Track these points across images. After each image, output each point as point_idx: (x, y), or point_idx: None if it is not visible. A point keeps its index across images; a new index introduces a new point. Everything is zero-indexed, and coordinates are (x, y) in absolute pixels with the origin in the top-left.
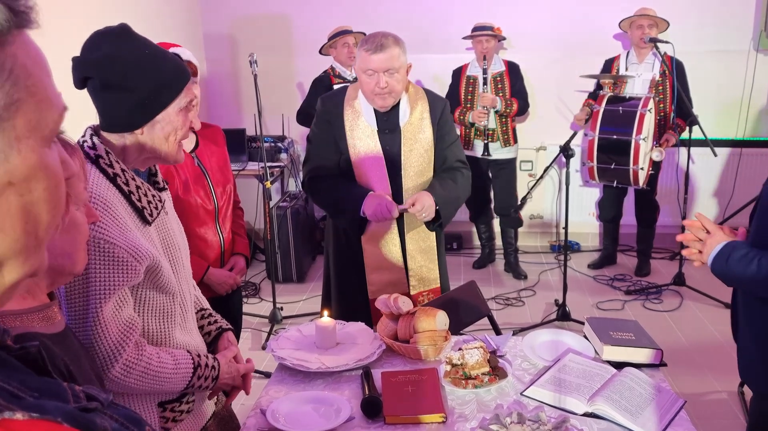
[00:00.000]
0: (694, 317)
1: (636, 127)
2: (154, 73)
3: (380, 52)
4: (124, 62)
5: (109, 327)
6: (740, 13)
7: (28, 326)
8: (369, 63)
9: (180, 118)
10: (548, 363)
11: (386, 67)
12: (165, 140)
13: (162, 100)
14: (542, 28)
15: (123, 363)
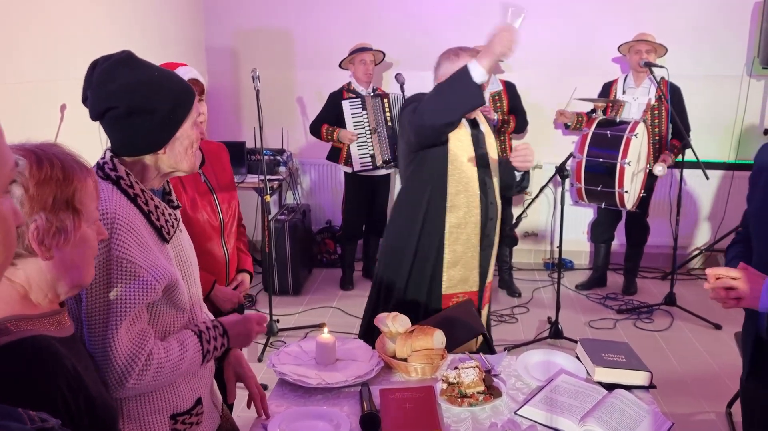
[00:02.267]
0: (684, 337)
1: (622, 151)
2: (168, 92)
3: None
4: (143, 86)
5: (123, 340)
6: (734, 40)
7: (40, 329)
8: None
9: (194, 131)
10: (541, 383)
11: None
12: (185, 153)
13: (179, 116)
14: (540, 48)
15: (138, 372)
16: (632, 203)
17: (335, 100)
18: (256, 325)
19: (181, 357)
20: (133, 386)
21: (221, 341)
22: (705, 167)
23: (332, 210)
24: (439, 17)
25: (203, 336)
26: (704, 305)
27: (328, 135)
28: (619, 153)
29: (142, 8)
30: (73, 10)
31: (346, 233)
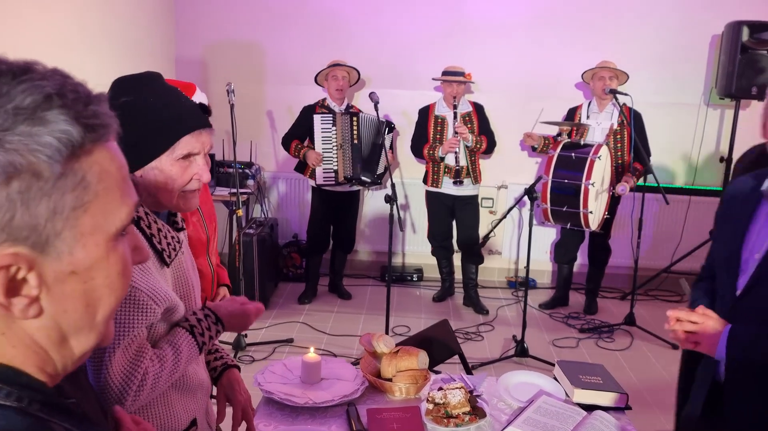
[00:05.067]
0: (644, 356)
1: (586, 173)
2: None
3: None
4: (129, 109)
5: (120, 362)
6: (693, 70)
7: None
8: None
9: (177, 170)
10: (523, 404)
11: None
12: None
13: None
14: (507, 72)
15: (134, 392)
16: (596, 223)
17: (308, 114)
18: (252, 315)
19: (175, 361)
20: (131, 405)
21: (215, 328)
22: (664, 192)
23: (299, 224)
24: (411, 37)
25: (195, 330)
26: (662, 326)
27: (296, 152)
28: (584, 174)
29: (111, 19)
30: (43, 22)
31: (311, 247)
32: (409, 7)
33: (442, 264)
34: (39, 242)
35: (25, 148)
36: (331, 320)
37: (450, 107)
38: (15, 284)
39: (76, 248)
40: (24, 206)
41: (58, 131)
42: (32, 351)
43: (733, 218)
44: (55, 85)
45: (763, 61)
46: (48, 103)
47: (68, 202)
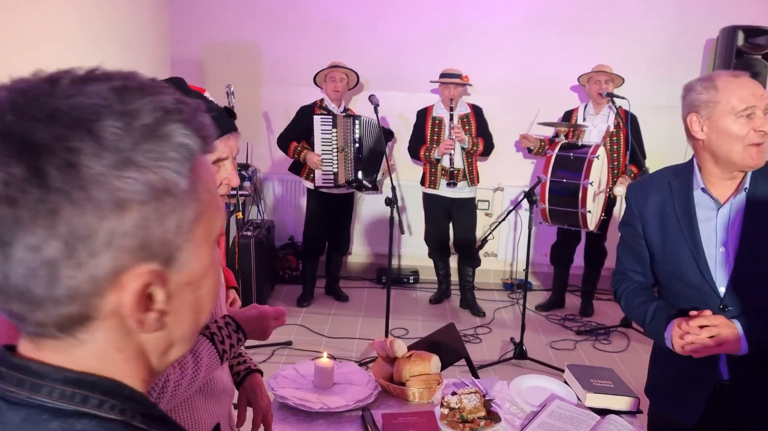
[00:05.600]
0: (640, 358)
1: (584, 172)
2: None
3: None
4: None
5: None
6: (688, 74)
7: None
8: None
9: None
10: (535, 408)
11: None
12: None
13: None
14: (504, 74)
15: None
16: (594, 223)
17: (305, 115)
18: (273, 320)
19: (195, 369)
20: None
21: (236, 336)
22: None
23: (295, 226)
24: (409, 39)
25: (215, 337)
26: None
27: (295, 154)
28: (582, 174)
29: (110, 18)
30: (44, 19)
31: (307, 249)
32: (406, 10)
33: (439, 266)
34: (167, 257)
35: (155, 165)
36: (329, 323)
37: (447, 109)
38: (146, 299)
39: (192, 260)
40: (157, 223)
41: (179, 145)
42: (141, 363)
43: (678, 220)
44: (171, 99)
45: (758, 65)
46: (168, 117)
47: (188, 215)
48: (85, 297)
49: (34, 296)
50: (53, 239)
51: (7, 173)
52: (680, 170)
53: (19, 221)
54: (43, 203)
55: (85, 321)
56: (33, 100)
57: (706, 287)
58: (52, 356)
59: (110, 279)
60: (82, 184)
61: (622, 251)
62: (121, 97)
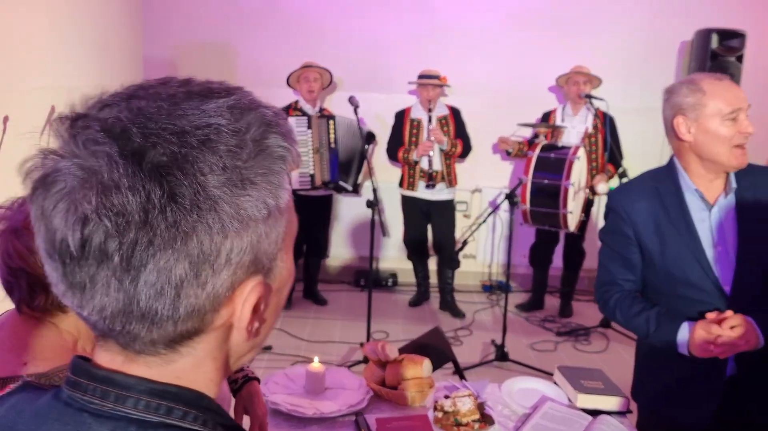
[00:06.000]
0: (620, 358)
1: (565, 173)
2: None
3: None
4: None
5: None
6: (662, 75)
7: None
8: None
9: None
10: (527, 410)
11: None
12: None
13: None
14: (482, 76)
15: None
16: (574, 224)
17: None
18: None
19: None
20: None
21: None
22: None
23: None
24: (386, 40)
25: None
26: None
27: None
28: (563, 175)
29: (80, 18)
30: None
31: None
32: (383, 10)
33: (418, 269)
34: (269, 268)
35: (267, 181)
36: (309, 327)
37: (426, 111)
38: (251, 309)
39: (282, 268)
40: (266, 238)
41: (279, 158)
42: (224, 369)
43: (674, 224)
44: (270, 112)
45: (732, 67)
46: (269, 131)
47: (283, 226)
48: (203, 314)
49: (158, 316)
50: (183, 261)
51: (145, 197)
52: (661, 174)
53: (154, 244)
54: (176, 226)
55: (195, 336)
56: (159, 121)
57: (710, 287)
58: (139, 369)
59: (227, 295)
60: (212, 205)
61: (609, 260)
62: (234, 113)
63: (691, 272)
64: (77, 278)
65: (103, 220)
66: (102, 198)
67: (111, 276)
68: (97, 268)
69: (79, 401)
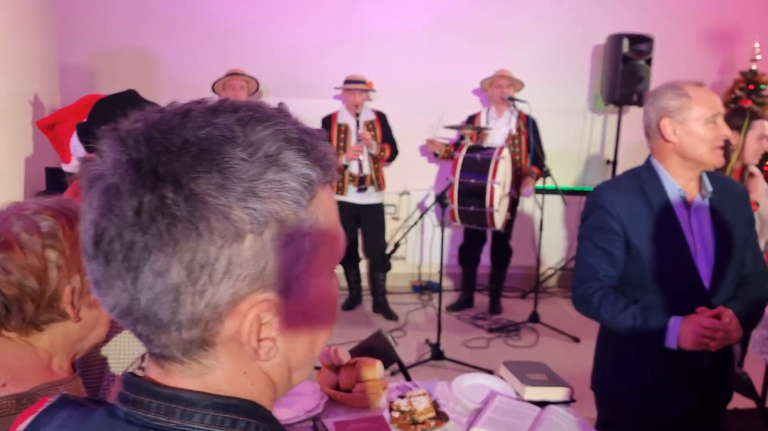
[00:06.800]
0: (550, 351)
1: (491, 172)
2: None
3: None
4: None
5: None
6: (578, 78)
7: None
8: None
9: None
10: (478, 406)
11: None
12: None
13: None
14: (407, 80)
15: None
16: (501, 222)
17: None
18: None
19: None
20: None
21: None
22: (555, 192)
23: None
24: (310, 45)
25: None
26: (563, 321)
27: None
28: (489, 174)
29: None
30: None
31: None
32: (306, 15)
33: (350, 272)
34: (284, 286)
35: (276, 195)
36: None
37: (353, 115)
38: (259, 327)
39: (309, 289)
40: (275, 253)
41: (300, 175)
42: (268, 386)
43: (660, 222)
44: (295, 129)
45: (642, 70)
46: (289, 147)
47: (306, 245)
48: (205, 323)
49: (159, 320)
50: (177, 266)
51: (139, 202)
52: (643, 173)
53: (148, 247)
54: (169, 231)
55: (206, 346)
56: (167, 131)
57: (692, 283)
58: (184, 381)
59: (229, 307)
60: (206, 214)
61: (592, 256)
62: (246, 128)
63: (675, 268)
64: (95, 274)
65: (108, 222)
66: (107, 201)
67: (117, 275)
68: (107, 266)
69: (142, 419)
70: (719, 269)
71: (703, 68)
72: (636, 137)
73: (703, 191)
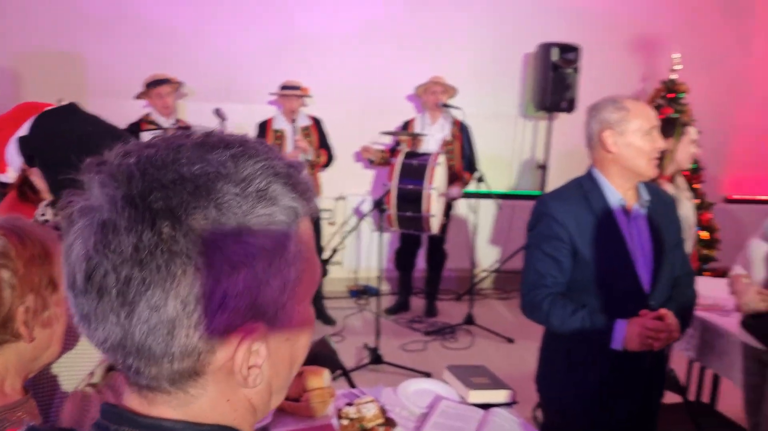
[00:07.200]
0: (485, 352)
1: (428, 178)
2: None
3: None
4: (62, 140)
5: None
6: (510, 85)
7: (21, 420)
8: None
9: None
10: (424, 410)
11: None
12: None
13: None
14: (342, 86)
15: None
16: (437, 226)
17: (132, 132)
18: None
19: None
20: None
21: None
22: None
23: None
24: (244, 49)
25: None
26: (497, 322)
27: None
28: (426, 180)
29: None
30: None
31: None
32: (243, 20)
33: None
34: (272, 315)
35: (266, 229)
36: None
37: (289, 121)
38: (249, 355)
39: (293, 317)
40: (265, 284)
41: (288, 207)
42: (249, 412)
43: (604, 230)
44: (282, 163)
45: (570, 78)
46: (278, 181)
47: (292, 274)
48: (198, 354)
49: (152, 352)
50: (173, 300)
51: (138, 238)
52: (586, 183)
53: (146, 282)
54: (167, 267)
55: (196, 376)
56: (161, 167)
57: (633, 287)
58: (167, 411)
59: (222, 337)
60: (204, 249)
61: (540, 263)
62: (238, 163)
63: (617, 273)
64: (84, 309)
65: (103, 257)
66: (102, 237)
67: (110, 310)
68: (99, 301)
69: None
70: (656, 273)
71: (627, 77)
72: (566, 142)
73: (640, 200)
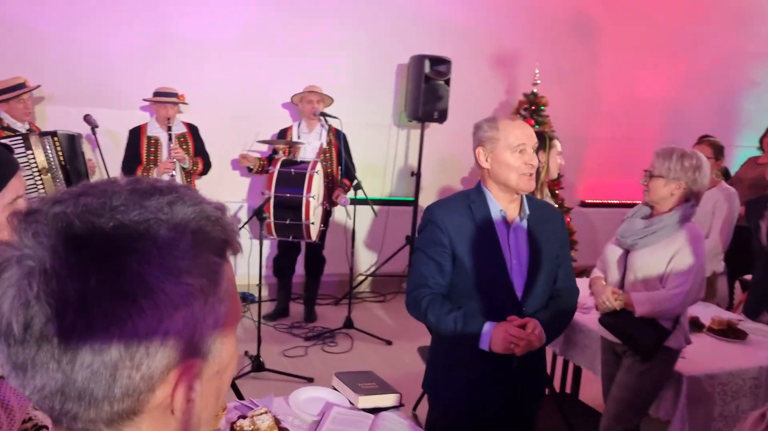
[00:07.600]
0: (364, 355)
1: (306, 186)
2: None
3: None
4: None
5: None
6: (384, 93)
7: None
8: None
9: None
10: (316, 418)
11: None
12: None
13: None
14: (218, 93)
15: None
16: (316, 234)
17: None
18: None
19: (9, 420)
20: None
21: None
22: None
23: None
24: (114, 54)
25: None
26: (375, 325)
27: None
28: (304, 189)
29: None
30: None
31: None
32: (111, 21)
33: None
34: (205, 351)
35: (201, 269)
36: None
37: (164, 128)
38: (187, 392)
39: (222, 351)
40: (202, 321)
41: (218, 248)
42: None
43: (484, 238)
44: (211, 207)
45: (441, 89)
46: (209, 224)
47: (222, 310)
48: (138, 394)
49: (94, 396)
50: (116, 343)
51: (83, 284)
52: (473, 194)
53: (90, 327)
54: (112, 311)
55: (133, 415)
56: (101, 216)
57: (506, 293)
58: None
59: (162, 377)
60: (146, 292)
61: (423, 265)
62: (174, 209)
63: (493, 279)
64: (20, 359)
65: (44, 305)
66: (44, 285)
67: (50, 358)
68: (38, 350)
69: None
70: (531, 282)
71: (494, 90)
72: (437, 151)
73: (522, 212)
